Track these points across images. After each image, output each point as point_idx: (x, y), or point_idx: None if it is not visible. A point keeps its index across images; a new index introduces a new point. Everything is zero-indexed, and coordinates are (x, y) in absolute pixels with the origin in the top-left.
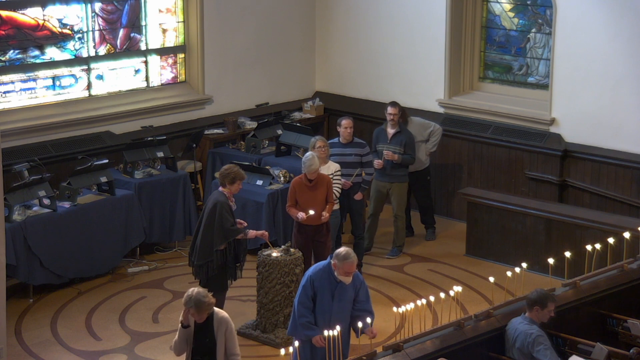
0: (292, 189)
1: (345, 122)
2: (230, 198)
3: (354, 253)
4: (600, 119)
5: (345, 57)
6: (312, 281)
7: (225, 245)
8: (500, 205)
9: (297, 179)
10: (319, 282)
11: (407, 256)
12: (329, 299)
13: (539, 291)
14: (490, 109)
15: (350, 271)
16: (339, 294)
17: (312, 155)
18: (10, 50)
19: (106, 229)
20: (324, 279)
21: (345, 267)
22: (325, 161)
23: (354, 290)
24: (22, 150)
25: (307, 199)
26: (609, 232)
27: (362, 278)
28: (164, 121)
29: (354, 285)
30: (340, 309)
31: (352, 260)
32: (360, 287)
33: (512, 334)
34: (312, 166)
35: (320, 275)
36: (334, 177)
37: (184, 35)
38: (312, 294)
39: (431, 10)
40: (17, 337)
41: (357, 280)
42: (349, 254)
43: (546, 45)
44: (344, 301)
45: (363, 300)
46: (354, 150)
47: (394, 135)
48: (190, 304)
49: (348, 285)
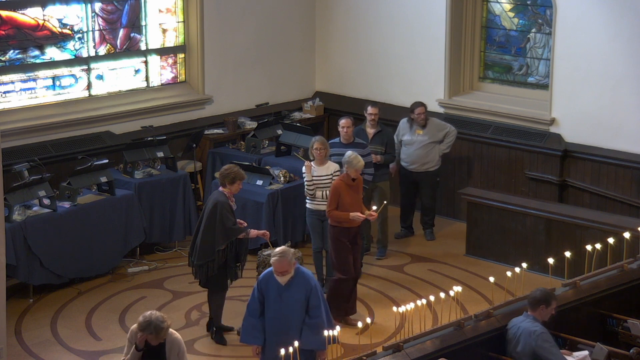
0: (335, 191)
1: (343, 122)
2: (231, 198)
3: (291, 252)
4: (600, 119)
5: (345, 57)
6: (259, 283)
7: (226, 245)
8: (500, 205)
9: (339, 181)
10: (264, 284)
11: (407, 256)
12: (274, 300)
13: (542, 290)
14: (490, 109)
15: (281, 270)
16: (284, 296)
17: (355, 153)
18: (10, 50)
19: (106, 229)
20: (270, 280)
21: (275, 265)
22: (324, 162)
23: (304, 295)
24: (22, 150)
25: (352, 199)
26: (609, 232)
27: (315, 282)
28: (164, 121)
29: (304, 288)
30: (287, 311)
31: (280, 258)
32: (312, 292)
33: (515, 332)
34: (360, 163)
35: (268, 277)
36: (333, 177)
37: (184, 35)
38: (259, 296)
39: (431, 10)
40: (17, 337)
41: (306, 284)
42: (281, 252)
43: (546, 45)
44: (291, 304)
45: (315, 305)
46: (354, 150)
47: (375, 135)
48: (150, 330)
49: (295, 288)
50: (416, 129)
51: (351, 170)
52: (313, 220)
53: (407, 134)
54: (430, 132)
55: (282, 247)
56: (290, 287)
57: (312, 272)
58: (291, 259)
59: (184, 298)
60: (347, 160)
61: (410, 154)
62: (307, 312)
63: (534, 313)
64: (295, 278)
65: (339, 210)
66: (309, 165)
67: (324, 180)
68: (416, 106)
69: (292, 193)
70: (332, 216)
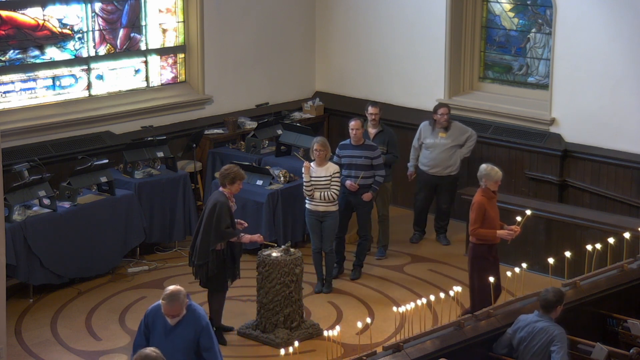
0: (480, 208)
1: (353, 123)
2: (231, 198)
3: (182, 294)
4: (600, 119)
5: (345, 57)
6: (146, 317)
7: (223, 246)
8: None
9: (481, 197)
10: (151, 319)
11: (407, 256)
12: (160, 338)
13: (556, 290)
14: (490, 109)
15: (171, 314)
16: (171, 335)
17: (490, 165)
18: (10, 50)
19: (106, 229)
20: (156, 317)
21: (165, 308)
22: (324, 163)
23: (193, 334)
24: (22, 150)
25: (495, 213)
26: (609, 232)
27: (207, 322)
28: (164, 121)
29: (193, 328)
30: (172, 351)
31: (170, 302)
32: (202, 332)
33: (529, 330)
34: (498, 174)
35: (154, 313)
36: (333, 178)
37: (184, 35)
38: (144, 330)
39: (431, 10)
40: (17, 337)
41: (197, 322)
42: (173, 295)
43: (546, 45)
44: (177, 344)
45: (207, 347)
46: (364, 152)
47: (376, 135)
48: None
49: (184, 326)
50: (439, 131)
51: (490, 183)
52: (312, 221)
53: (430, 136)
54: (453, 135)
55: (173, 287)
56: (178, 325)
57: (205, 311)
58: (183, 301)
59: None
60: (485, 173)
61: (433, 158)
62: (198, 355)
63: (551, 314)
64: (186, 315)
65: (484, 227)
66: (308, 166)
67: (322, 182)
68: (439, 107)
69: (292, 193)
70: (479, 234)
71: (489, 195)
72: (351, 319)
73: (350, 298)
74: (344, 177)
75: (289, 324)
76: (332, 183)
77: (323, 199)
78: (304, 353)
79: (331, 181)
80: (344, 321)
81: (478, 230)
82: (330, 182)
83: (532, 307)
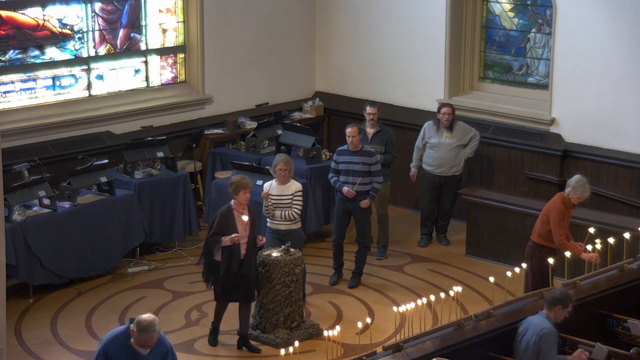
0: (560, 215)
1: (349, 131)
2: (238, 208)
3: (157, 322)
4: (600, 119)
5: (345, 57)
6: (105, 350)
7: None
8: (500, 205)
9: (560, 204)
10: (114, 351)
11: (407, 256)
12: None
13: (562, 291)
14: (490, 109)
15: (148, 344)
16: None
17: (584, 180)
18: (10, 50)
19: (106, 229)
20: (119, 347)
21: (141, 339)
22: (287, 181)
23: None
24: (22, 150)
25: (567, 223)
26: (609, 232)
27: (170, 345)
28: (164, 121)
29: (159, 352)
30: None
31: (151, 333)
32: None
33: (526, 326)
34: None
35: (116, 344)
36: (295, 197)
37: (184, 35)
38: None
39: (431, 10)
40: (17, 337)
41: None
42: (150, 325)
43: (546, 45)
44: None
45: None
46: (362, 159)
47: (375, 134)
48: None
49: (152, 353)
50: (444, 131)
51: (574, 197)
52: (272, 240)
53: (434, 136)
54: (458, 134)
55: (147, 316)
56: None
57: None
58: (159, 330)
59: (184, 298)
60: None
61: (438, 157)
62: None
63: (549, 312)
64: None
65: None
66: (266, 195)
67: (284, 201)
68: (443, 106)
69: None
70: (565, 246)
71: (568, 204)
72: (351, 319)
73: (350, 298)
74: (342, 184)
75: (289, 324)
76: (294, 202)
77: (284, 218)
78: (304, 353)
79: (292, 200)
80: (344, 321)
81: (564, 241)
82: (292, 201)
83: (532, 307)
